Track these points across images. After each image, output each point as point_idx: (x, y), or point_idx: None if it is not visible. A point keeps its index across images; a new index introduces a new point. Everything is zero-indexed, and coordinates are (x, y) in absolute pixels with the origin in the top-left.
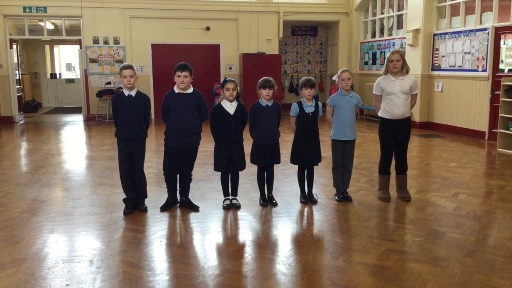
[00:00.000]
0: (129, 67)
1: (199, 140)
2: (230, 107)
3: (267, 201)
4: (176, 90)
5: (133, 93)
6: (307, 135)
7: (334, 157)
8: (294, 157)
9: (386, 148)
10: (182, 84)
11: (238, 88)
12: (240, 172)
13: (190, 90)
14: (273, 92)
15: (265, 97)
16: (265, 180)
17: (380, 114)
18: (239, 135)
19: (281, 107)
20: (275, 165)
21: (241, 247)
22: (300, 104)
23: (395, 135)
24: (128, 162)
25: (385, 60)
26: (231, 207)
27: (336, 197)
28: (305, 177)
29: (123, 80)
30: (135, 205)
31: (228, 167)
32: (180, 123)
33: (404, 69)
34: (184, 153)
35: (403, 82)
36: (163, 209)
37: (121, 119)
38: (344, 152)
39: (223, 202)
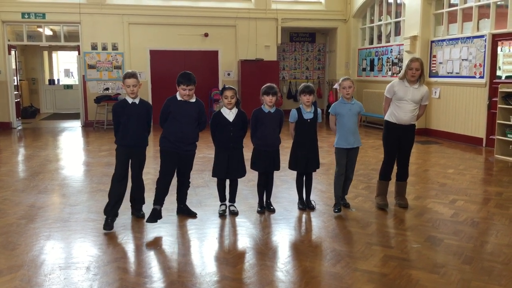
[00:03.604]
0: (133, 75)
1: (195, 149)
2: (230, 114)
3: (265, 207)
4: (179, 97)
5: (136, 100)
6: (305, 141)
7: (338, 165)
8: (292, 163)
9: (390, 152)
10: (188, 96)
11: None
12: (238, 179)
13: (193, 99)
14: (276, 99)
15: (268, 103)
16: (265, 186)
17: (386, 117)
18: (239, 142)
19: (283, 114)
20: (274, 171)
21: (239, 254)
22: (299, 110)
23: (399, 140)
24: (126, 170)
25: (404, 66)
26: (227, 214)
27: (335, 209)
28: (304, 184)
29: (126, 89)
30: (116, 213)
31: (226, 173)
32: (180, 131)
33: (421, 78)
34: (182, 160)
35: (416, 91)
36: (150, 221)
37: (124, 126)
38: (347, 160)
39: (219, 208)
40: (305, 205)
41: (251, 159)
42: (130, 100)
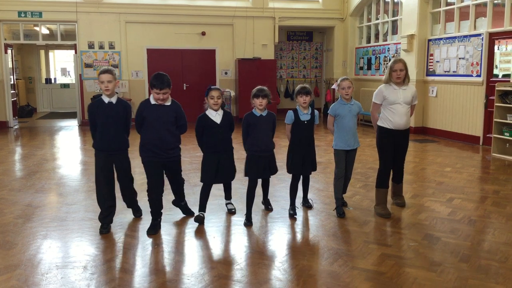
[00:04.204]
0: (107, 71)
1: (180, 152)
2: (216, 116)
3: (263, 206)
4: (152, 101)
5: (113, 100)
6: (302, 143)
7: (338, 167)
8: (288, 165)
9: (387, 158)
10: (162, 101)
11: (233, 94)
12: (236, 177)
13: (169, 102)
14: (267, 102)
15: (258, 107)
16: (261, 187)
17: (379, 123)
18: (229, 144)
19: (275, 117)
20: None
21: (236, 252)
22: (295, 111)
23: (395, 145)
24: (106, 175)
25: (387, 69)
26: (225, 212)
27: (338, 213)
28: (298, 187)
29: (101, 86)
30: (111, 220)
31: (216, 178)
32: (158, 138)
33: (406, 78)
34: (167, 167)
35: (406, 92)
36: (150, 234)
37: (101, 128)
38: (346, 160)
39: (198, 214)
40: (296, 212)
41: (244, 166)
42: (106, 100)
